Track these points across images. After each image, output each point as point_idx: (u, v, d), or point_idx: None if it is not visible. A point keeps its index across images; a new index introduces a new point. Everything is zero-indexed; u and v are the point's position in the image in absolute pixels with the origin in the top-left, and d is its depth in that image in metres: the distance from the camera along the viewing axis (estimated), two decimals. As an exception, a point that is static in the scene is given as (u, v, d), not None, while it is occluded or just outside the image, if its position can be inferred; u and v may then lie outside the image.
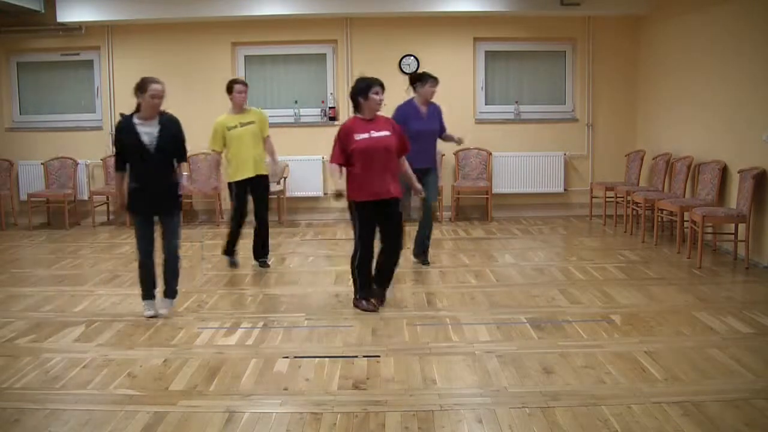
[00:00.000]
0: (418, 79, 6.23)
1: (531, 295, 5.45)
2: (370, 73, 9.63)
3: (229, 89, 6.14)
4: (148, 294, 5.04)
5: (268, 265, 6.47)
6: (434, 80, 6.20)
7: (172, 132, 4.85)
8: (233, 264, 6.48)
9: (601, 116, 9.21)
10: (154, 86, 4.70)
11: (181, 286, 5.23)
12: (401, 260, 5.28)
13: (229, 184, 6.21)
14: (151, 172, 4.82)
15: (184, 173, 5.09)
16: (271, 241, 6.55)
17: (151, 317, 4.97)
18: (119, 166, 4.89)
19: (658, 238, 7.33)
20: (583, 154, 9.25)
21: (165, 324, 4.84)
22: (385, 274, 5.15)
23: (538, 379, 3.79)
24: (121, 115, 4.90)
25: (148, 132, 4.77)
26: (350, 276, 5.21)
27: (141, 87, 4.71)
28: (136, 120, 4.79)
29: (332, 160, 4.94)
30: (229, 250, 6.44)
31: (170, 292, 5.13)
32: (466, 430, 3.24)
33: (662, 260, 6.58)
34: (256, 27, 8.97)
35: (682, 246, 6.86)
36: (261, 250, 6.43)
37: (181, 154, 4.96)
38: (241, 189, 6.18)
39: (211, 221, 9.03)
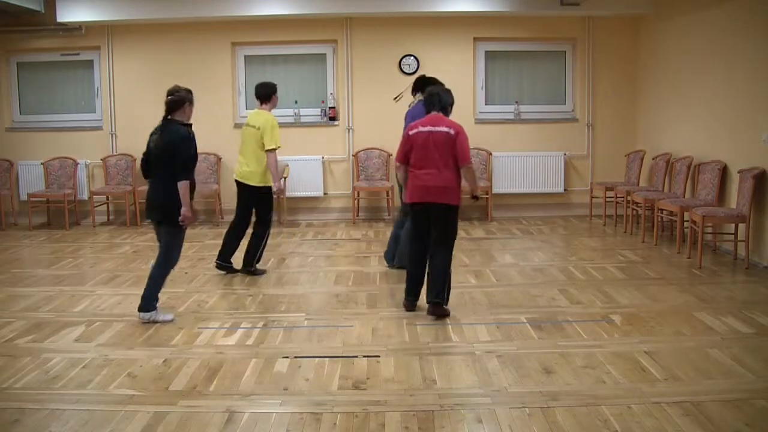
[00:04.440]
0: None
1: (531, 295, 5.45)
2: (370, 73, 9.63)
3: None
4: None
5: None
6: None
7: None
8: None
9: (601, 116, 9.21)
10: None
11: (178, 288, 5.21)
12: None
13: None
14: None
15: None
16: (271, 241, 6.51)
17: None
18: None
19: (658, 238, 7.33)
20: (583, 154, 9.25)
21: (165, 324, 4.84)
22: None
23: (538, 379, 3.79)
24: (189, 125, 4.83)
25: None
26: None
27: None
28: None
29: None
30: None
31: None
32: (466, 430, 3.24)
33: (662, 260, 6.58)
34: (256, 27, 8.96)
35: (682, 246, 6.86)
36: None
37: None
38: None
39: (211, 221, 9.03)
